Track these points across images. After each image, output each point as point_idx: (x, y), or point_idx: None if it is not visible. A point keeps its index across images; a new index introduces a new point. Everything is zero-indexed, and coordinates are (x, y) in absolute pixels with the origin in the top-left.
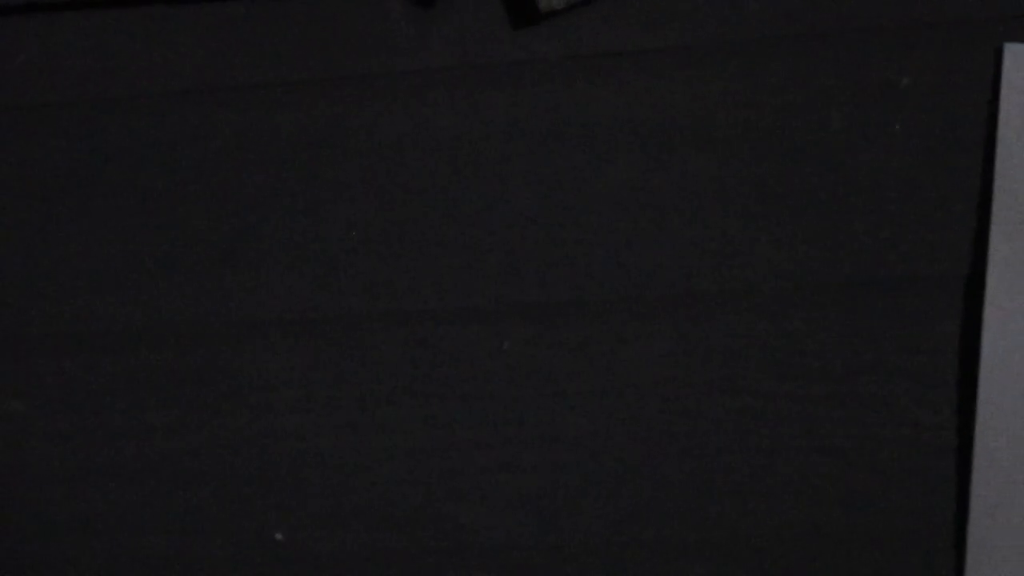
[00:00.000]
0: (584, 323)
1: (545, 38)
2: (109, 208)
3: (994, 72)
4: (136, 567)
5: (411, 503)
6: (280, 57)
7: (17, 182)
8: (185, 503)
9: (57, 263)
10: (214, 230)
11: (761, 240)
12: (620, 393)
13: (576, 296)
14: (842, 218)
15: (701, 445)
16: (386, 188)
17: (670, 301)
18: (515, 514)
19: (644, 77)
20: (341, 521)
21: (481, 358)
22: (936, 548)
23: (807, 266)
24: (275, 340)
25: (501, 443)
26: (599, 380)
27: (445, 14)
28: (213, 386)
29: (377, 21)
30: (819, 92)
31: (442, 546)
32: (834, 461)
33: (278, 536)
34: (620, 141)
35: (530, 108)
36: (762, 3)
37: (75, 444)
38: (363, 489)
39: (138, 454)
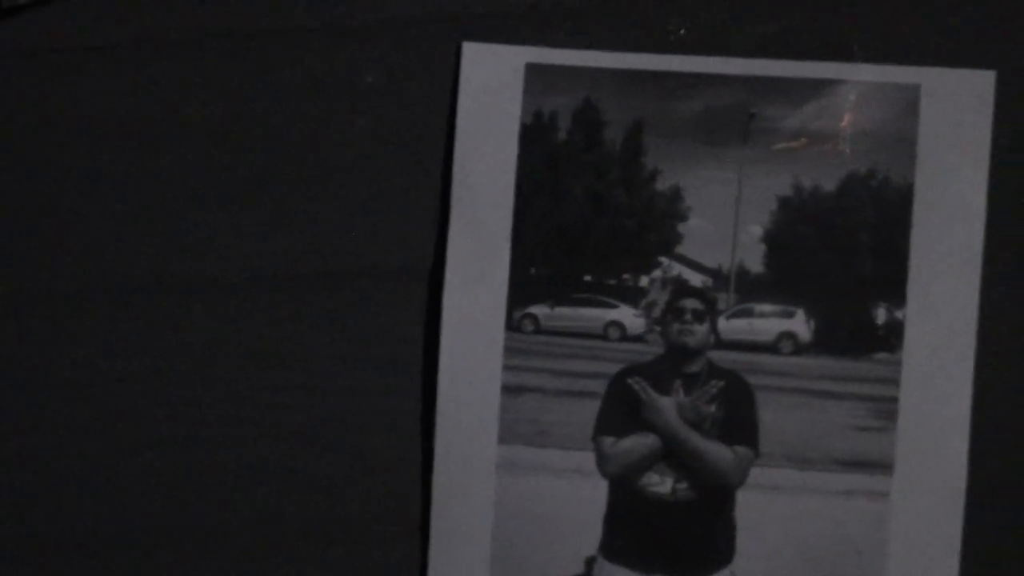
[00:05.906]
0: (65, 314)
1: (11, 33)
2: None
3: (454, 70)
4: None
5: None
6: None
7: None
8: None
9: None
10: None
11: (230, 232)
12: (102, 388)
13: (49, 289)
14: (309, 210)
15: (185, 436)
16: None
17: (141, 293)
18: None
19: (112, 71)
20: None
21: None
22: (403, 532)
23: (277, 258)
24: None
25: None
26: (77, 372)
27: None
28: None
29: None
30: (292, 86)
31: None
32: (307, 448)
33: None
34: (87, 134)
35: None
36: None
37: None
38: None
39: None
